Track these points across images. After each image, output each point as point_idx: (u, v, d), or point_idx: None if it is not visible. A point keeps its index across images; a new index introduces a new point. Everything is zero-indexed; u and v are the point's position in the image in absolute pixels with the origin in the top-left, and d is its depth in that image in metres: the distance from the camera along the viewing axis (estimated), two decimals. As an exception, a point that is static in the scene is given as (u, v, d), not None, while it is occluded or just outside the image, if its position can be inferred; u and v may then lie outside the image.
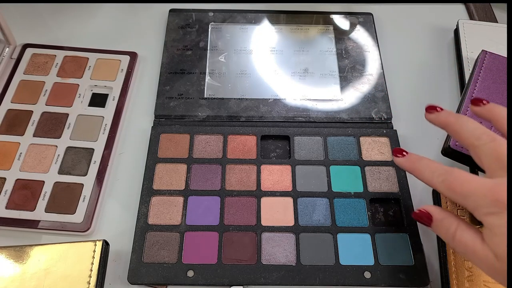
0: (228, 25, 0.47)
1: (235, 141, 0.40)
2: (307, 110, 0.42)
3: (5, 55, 0.44)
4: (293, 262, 0.34)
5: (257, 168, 0.38)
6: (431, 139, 0.41)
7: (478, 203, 0.26)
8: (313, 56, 0.46)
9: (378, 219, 0.36)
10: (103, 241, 0.33)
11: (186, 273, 0.33)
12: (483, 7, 0.51)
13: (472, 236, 0.27)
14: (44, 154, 0.39)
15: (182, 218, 0.36)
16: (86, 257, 0.33)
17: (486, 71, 0.40)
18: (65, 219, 0.35)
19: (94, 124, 0.40)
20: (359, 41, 0.47)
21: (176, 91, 0.43)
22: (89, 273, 0.32)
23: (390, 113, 0.42)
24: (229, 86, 0.43)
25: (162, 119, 0.41)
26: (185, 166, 0.38)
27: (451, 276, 0.33)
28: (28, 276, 0.32)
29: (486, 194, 0.25)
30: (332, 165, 0.39)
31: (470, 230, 0.27)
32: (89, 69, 0.44)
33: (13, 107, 0.41)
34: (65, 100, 0.42)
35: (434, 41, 0.48)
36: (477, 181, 0.26)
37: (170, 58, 0.45)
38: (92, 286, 0.32)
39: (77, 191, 0.37)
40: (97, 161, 0.38)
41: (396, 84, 0.45)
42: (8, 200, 0.36)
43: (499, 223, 0.25)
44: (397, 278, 0.33)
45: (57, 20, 0.49)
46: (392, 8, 0.51)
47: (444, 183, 0.28)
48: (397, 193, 0.37)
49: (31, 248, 0.33)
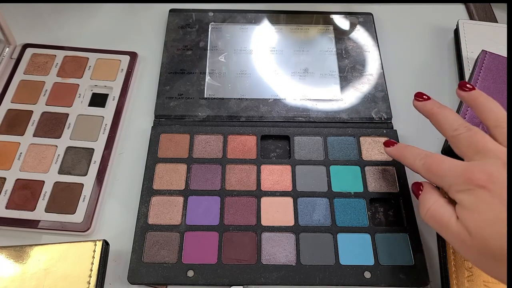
0: (228, 25, 0.47)
1: (235, 141, 0.40)
2: (307, 110, 0.42)
3: (5, 55, 0.44)
4: (293, 262, 0.34)
5: (257, 168, 0.38)
6: (431, 139, 0.41)
7: (452, 182, 0.28)
8: (313, 56, 0.46)
9: (378, 219, 0.36)
10: (103, 241, 0.33)
11: (186, 273, 0.33)
12: (483, 7, 0.51)
13: (450, 212, 0.28)
14: (44, 154, 0.39)
15: (182, 218, 0.36)
16: (86, 257, 0.33)
17: (486, 71, 0.40)
18: (65, 219, 0.35)
19: (94, 124, 0.40)
20: (359, 41, 0.47)
21: (176, 91, 0.43)
22: (89, 273, 0.32)
23: (390, 113, 0.42)
24: (229, 86, 0.43)
25: (162, 119, 0.41)
26: (185, 166, 0.38)
27: (451, 276, 0.33)
28: (28, 276, 0.32)
29: (460, 174, 0.27)
30: (332, 165, 0.39)
31: (448, 206, 0.29)
32: (89, 69, 0.44)
33: (13, 107, 0.41)
34: (65, 100, 0.42)
35: (434, 41, 0.48)
36: (453, 163, 0.29)
37: (170, 58, 0.45)
38: (92, 286, 0.32)
39: (77, 191, 0.37)
40: (97, 161, 0.38)
41: (396, 84, 0.45)
42: (8, 200, 0.36)
43: (470, 199, 0.26)
44: (397, 278, 0.33)
45: (57, 20, 0.49)
46: (392, 8, 0.51)
47: (424, 166, 0.30)
48: (397, 193, 0.37)
49: (31, 248, 0.33)
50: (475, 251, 0.26)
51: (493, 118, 0.30)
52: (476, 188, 0.26)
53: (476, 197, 0.26)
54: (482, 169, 0.27)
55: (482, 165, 0.27)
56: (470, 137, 0.29)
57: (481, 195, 0.26)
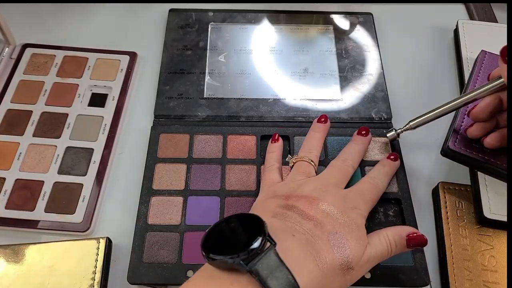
0: (228, 25, 0.47)
1: (235, 141, 0.40)
2: (307, 110, 0.42)
3: (5, 55, 0.44)
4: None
5: (257, 168, 0.38)
6: (431, 139, 0.41)
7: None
8: (313, 56, 0.45)
9: (378, 219, 0.36)
10: (107, 238, 0.34)
11: (186, 273, 0.33)
12: (483, 7, 0.51)
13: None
14: (44, 154, 0.39)
15: (182, 218, 0.36)
16: (90, 254, 0.33)
17: (485, 71, 0.40)
18: (65, 219, 0.35)
19: (94, 124, 0.40)
20: (359, 41, 0.47)
21: (176, 91, 0.43)
22: (93, 270, 0.32)
23: (390, 113, 0.42)
24: (229, 86, 0.43)
25: (162, 119, 0.41)
26: (185, 166, 0.38)
27: (451, 276, 0.33)
28: (33, 273, 0.32)
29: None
30: (332, 165, 0.39)
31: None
32: (89, 69, 0.44)
33: (13, 107, 0.41)
34: (65, 100, 0.42)
35: (434, 41, 0.48)
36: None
37: (170, 58, 0.45)
38: (96, 283, 0.32)
39: (77, 191, 0.37)
40: (96, 161, 0.38)
41: (396, 84, 0.45)
42: (8, 200, 0.36)
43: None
44: (397, 278, 0.33)
45: (56, 20, 0.49)
46: (392, 8, 0.51)
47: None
48: (397, 193, 0.37)
49: (35, 246, 0.33)
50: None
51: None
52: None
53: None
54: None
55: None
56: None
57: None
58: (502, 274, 0.33)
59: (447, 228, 0.35)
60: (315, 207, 0.29)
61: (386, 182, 0.35)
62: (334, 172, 0.34)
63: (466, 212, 0.36)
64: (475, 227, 0.35)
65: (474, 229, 0.35)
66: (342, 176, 0.33)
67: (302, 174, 0.33)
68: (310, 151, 0.35)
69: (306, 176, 0.33)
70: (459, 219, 0.36)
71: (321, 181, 0.32)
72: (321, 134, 0.36)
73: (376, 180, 0.34)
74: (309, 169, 0.34)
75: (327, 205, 0.29)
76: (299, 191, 0.31)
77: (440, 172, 0.40)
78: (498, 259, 0.34)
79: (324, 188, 0.31)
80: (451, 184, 0.38)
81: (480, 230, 0.35)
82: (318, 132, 0.36)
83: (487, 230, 0.35)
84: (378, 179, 0.34)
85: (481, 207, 0.34)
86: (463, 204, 0.36)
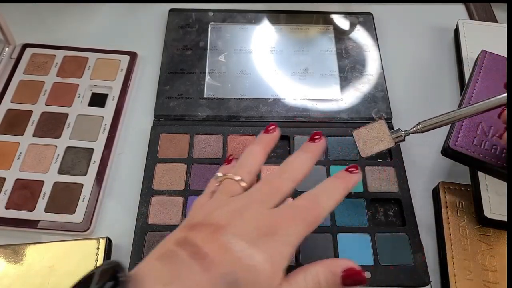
0: (228, 25, 0.47)
1: (235, 141, 0.40)
2: (307, 110, 0.42)
3: (5, 55, 0.44)
4: (293, 262, 0.34)
5: (257, 168, 0.38)
6: (431, 139, 0.41)
7: None
8: (313, 56, 0.45)
9: (378, 219, 0.36)
10: (107, 238, 0.34)
11: (186, 273, 0.33)
12: (483, 7, 0.51)
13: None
14: (44, 154, 0.39)
15: (182, 218, 0.36)
16: (90, 254, 0.33)
17: (486, 71, 0.40)
18: (65, 219, 0.35)
19: (94, 124, 0.40)
20: (359, 41, 0.47)
21: (176, 91, 0.43)
22: None
23: (390, 113, 0.42)
24: (229, 86, 0.43)
25: (162, 119, 0.41)
26: (185, 166, 0.38)
27: (451, 276, 0.33)
28: (33, 273, 0.32)
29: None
30: (332, 165, 0.39)
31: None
32: (89, 69, 0.44)
33: (13, 107, 0.41)
34: (65, 100, 0.42)
35: (434, 41, 0.48)
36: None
37: (170, 58, 0.45)
38: None
39: (77, 191, 0.37)
40: (96, 161, 0.38)
41: (396, 84, 0.44)
42: (8, 200, 0.36)
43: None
44: (397, 278, 0.33)
45: (57, 20, 0.49)
46: (392, 8, 0.51)
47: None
48: (397, 193, 0.37)
49: (35, 246, 0.33)
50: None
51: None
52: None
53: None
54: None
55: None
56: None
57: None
58: (502, 274, 0.33)
59: (447, 228, 0.35)
60: (215, 239, 0.23)
61: (334, 200, 0.26)
62: (262, 188, 0.27)
63: (466, 212, 0.36)
64: (475, 227, 0.35)
65: (474, 229, 0.35)
66: (273, 192, 0.26)
67: (226, 194, 0.27)
68: (242, 167, 0.29)
69: (230, 195, 0.27)
70: (459, 219, 0.36)
71: (243, 200, 0.26)
72: (262, 147, 0.30)
73: (319, 197, 0.26)
74: (234, 188, 0.27)
75: (231, 236, 0.23)
76: (210, 217, 0.25)
77: (440, 172, 0.40)
78: (498, 259, 0.34)
79: (242, 209, 0.25)
80: (451, 184, 0.38)
81: (480, 230, 0.35)
82: (258, 145, 0.30)
83: (487, 230, 0.35)
84: (323, 196, 0.26)
85: (482, 207, 0.34)
86: (463, 204, 0.36)
